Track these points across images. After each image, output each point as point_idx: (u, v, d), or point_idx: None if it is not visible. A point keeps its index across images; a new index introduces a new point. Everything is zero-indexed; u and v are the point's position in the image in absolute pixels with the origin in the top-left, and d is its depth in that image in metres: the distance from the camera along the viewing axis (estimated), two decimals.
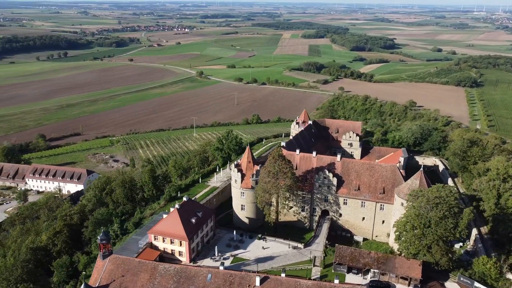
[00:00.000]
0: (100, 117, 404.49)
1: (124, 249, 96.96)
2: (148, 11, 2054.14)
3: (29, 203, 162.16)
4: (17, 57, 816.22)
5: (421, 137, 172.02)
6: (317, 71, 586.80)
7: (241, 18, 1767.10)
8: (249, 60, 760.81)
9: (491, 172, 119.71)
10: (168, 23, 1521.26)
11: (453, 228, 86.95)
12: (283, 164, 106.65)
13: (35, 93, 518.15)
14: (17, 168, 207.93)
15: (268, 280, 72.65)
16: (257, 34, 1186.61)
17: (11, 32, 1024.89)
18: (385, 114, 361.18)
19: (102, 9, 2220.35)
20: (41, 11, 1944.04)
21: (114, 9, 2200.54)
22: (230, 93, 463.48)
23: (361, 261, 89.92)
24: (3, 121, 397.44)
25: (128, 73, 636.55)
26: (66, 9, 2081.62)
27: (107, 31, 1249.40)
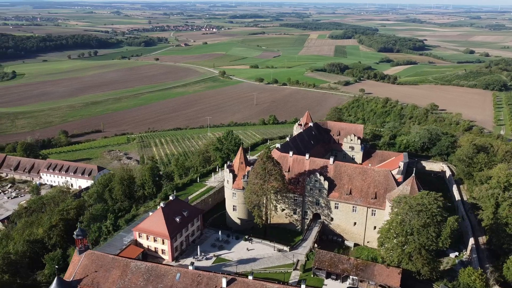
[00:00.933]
0: (122, 115, 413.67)
1: (110, 245, 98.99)
2: (178, 11, 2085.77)
3: (37, 196, 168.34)
4: (50, 55, 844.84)
5: (429, 141, 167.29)
6: (340, 72, 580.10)
7: (270, 18, 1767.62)
8: (273, 60, 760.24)
9: (491, 180, 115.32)
10: (197, 23, 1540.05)
11: (436, 237, 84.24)
12: (271, 166, 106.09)
13: (63, 90, 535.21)
14: (33, 162, 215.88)
15: (234, 282, 72.62)
16: (284, 35, 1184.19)
17: (47, 31, 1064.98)
18: (405, 117, 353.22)
19: (134, 9, 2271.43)
20: (76, 11, 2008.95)
21: (146, 9, 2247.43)
22: (250, 93, 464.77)
23: (340, 266, 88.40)
24: (31, 117, 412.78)
25: (153, 72, 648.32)
26: (100, 9, 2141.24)
27: (137, 30, 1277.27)
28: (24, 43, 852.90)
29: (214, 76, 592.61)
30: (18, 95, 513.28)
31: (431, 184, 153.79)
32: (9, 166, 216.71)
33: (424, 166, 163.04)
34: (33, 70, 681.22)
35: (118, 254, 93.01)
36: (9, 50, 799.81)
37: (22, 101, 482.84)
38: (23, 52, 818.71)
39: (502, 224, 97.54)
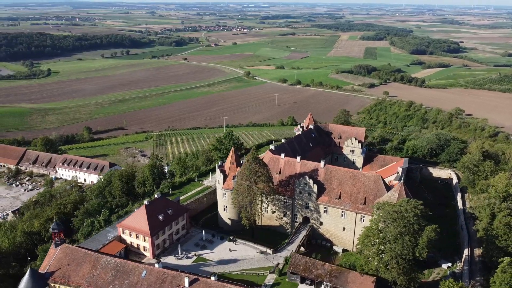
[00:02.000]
0: (145, 113, 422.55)
1: (94, 240, 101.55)
2: (211, 12, 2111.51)
3: (46, 190, 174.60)
4: (85, 54, 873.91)
5: (437, 147, 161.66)
6: (368, 74, 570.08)
7: (302, 19, 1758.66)
8: (300, 61, 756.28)
9: (490, 189, 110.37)
10: (229, 24, 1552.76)
11: (412, 246, 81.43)
12: (257, 167, 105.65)
13: (93, 88, 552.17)
14: (50, 157, 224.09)
15: (197, 282, 72.95)
16: (315, 35, 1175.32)
17: (83, 31, 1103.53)
18: (428, 122, 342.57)
19: (169, 9, 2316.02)
20: (113, 11, 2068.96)
21: (180, 10, 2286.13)
22: (272, 94, 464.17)
23: (314, 272, 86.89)
24: (60, 113, 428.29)
25: (180, 71, 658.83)
26: (136, 9, 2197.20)
27: (170, 30, 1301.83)
28: (61, 42, 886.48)
29: (239, 77, 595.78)
30: (51, 92, 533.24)
31: (436, 192, 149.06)
32: (28, 160, 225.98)
33: (431, 173, 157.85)
34: (67, 68, 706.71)
35: (100, 249, 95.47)
36: (47, 49, 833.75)
37: (54, 97, 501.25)
38: (59, 51, 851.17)
39: (492, 236, 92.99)
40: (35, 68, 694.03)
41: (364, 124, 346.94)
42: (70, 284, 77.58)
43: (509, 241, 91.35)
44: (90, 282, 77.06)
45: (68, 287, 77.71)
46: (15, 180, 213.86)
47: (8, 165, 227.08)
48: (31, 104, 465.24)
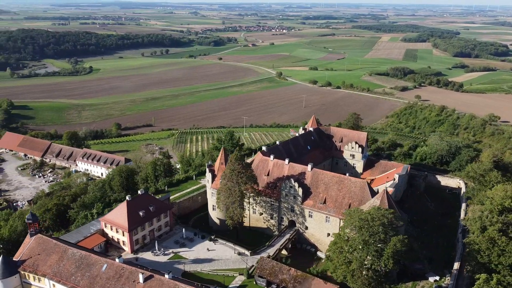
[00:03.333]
0: (175, 111, 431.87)
1: (77, 232, 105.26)
2: (252, 12, 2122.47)
3: (57, 182, 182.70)
4: (126, 52, 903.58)
5: (447, 154, 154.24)
6: (403, 77, 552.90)
7: (343, 20, 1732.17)
8: (336, 62, 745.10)
9: (487, 201, 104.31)
10: (269, 24, 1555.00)
11: (378, 256, 78.37)
12: (239, 168, 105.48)
13: (130, 85, 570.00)
14: (72, 151, 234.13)
15: (152, 279, 73.99)
16: (354, 37, 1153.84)
17: (127, 30, 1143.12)
18: (459, 128, 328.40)
19: (211, 9, 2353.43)
20: (158, 11, 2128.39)
21: (222, 10, 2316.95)
22: (301, 95, 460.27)
23: (279, 276, 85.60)
24: (95, 109, 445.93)
25: (214, 71, 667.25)
26: (180, 10, 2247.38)
27: (210, 30, 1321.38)
28: (105, 41, 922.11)
29: (271, 77, 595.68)
30: (90, 88, 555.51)
31: (442, 201, 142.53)
32: (52, 152, 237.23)
33: (439, 181, 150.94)
34: (108, 66, 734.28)
35: (81, 241, 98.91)
36: (91, 47, 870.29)
37: (92, 94, 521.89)
38: (103, 49, 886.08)
39: (475, 250, 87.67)
40: (78, 65, 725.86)
41: (391, 129, 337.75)
42: (37, 273, 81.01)
43: (492, 256, 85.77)
44: (56, 272, 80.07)
45: (36, 275, 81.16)
46: (39, 171, 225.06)
47: (34, 157, 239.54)
48: (71, 99, 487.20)
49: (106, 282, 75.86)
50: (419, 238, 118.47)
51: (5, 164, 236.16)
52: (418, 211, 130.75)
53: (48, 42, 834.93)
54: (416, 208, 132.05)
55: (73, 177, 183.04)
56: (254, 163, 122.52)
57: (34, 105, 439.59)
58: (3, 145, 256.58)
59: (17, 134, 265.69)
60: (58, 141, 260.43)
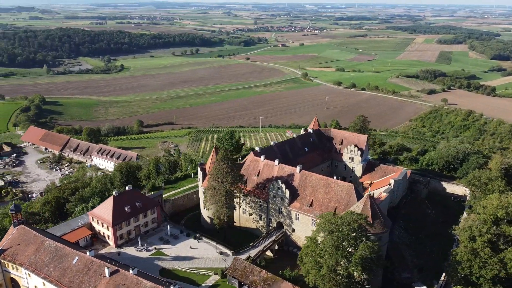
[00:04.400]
0: (197, 110, 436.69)
1: (66, 225, 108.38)
2: (285, 12, 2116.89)
3: (66, 175, 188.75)
4: (158, 51, 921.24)
5: (455, 160, 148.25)
6: (434, 80, 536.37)
7: (378, 21, 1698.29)
8: (365, 64, 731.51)
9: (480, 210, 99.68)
10: (301, 24, 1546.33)
11: (346, 261, 76.26)
12: (224, 167, 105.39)
13: (157, 84, 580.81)
14: (88, 146, 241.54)
15: (117, 273, 75.18)
16: (387, 38, 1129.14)
17: (160, 30, 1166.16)
18: (486, 133, 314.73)
19: (245, 9, 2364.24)
20: (192, 11, 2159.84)
21: (256, 10, 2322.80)
22: (324, 96, 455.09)
23: (250, 278, 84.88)
24: (122, 106, 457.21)
25: (240, 70, 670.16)
26: (214, 10, 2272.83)
27: (242, 30, 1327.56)
28: (138, 40, 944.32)
29: (296, 78, 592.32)
30: (120, 86, 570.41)
31: (445, 209, 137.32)
32: (70, 147, 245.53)
33: (445, 188, 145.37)
34: (139, 64, 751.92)
35: (67, 233, 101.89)
36: (124, 46, 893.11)
37: (121, 91, 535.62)
38: (135, 48, 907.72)
39: (455, 261, 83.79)
40: (111, 63, 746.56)
41: (413, 133, 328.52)
42: (15, 262, 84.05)
43: (473, 268, 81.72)
44: (31, 262, 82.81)
45: (14, 264, 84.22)
46: (56, 165, 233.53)
47: (53, 151, 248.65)
48: (100, 96, 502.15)
49: (75, 274, 77.82)
50: (411, 246, 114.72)
51: (27, 157, 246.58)
52: (415, 218, 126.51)
53: (83, 40, 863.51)
54: (414, 214, 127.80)
55: (83, 171, 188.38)
56: (246, 163, 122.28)
57: (64, 101, 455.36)
58: (26, 139, 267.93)
59: (39, 129, 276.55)
60: (78, 136, 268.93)
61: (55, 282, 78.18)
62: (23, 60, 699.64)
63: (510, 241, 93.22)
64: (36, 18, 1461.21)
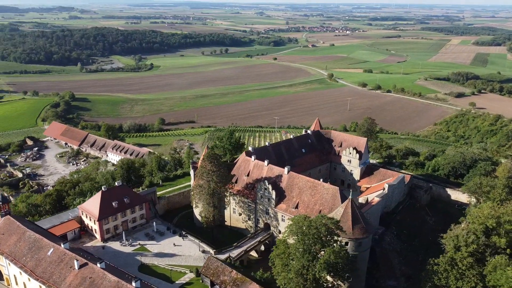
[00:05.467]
0: (220, 109, 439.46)
1: (58, 217, 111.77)
2: (318, 13, 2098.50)
3: (76, 170, 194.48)
4: (188, 51, 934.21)
5: (461, 166, 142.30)
6: (466, 82, 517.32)
7: (413, 22, 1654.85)
8: (394, 65, 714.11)
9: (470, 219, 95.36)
10: (333, 25, 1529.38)
11: (311, 266, 74.64)
12: (210, 166, 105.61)
13: (183, 82, 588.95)
14: (104, 142, 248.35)
15: (86, 266, 76.82)
16: (421, 39, 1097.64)
17: (192, 29, 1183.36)
18: None
19: (278, 10, 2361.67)
20: (225, 11, 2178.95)
21: (288, 10, 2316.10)
22: (348, 97, 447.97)
23: (221, 277, 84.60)
24: (147, 104, 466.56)
25: (266, 70, 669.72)
26: (247, 10, 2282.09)
27: (273, 30, 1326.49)
28: (169, 39, 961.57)
29: (322, 78, 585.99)
30: (148, 84, 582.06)
31: (447, 217, 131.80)
32: (88, 143, 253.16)
33: (449, 195, 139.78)
34: (168, 63, 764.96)
35: (55, 226, 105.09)
36: (155, 45, 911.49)
37: (148, 89, 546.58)
38: (166, 47, 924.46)
39: (432, 271, 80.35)
40: (141, 62, 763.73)
41: (435, 137, 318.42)
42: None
43: (450, 279, 78.13)
44: (11, 252, 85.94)
45: None
46: (74, 159, 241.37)
47: (72, 146, 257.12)
48: (127, 94, 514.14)
49: (48, 265, 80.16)
50: (402, 253, 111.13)
51: (47, 151, 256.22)
52: (411, 225, 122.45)
53: (117, 39, 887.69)
54: (410, 221, 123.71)
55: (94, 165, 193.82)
56: (238, 163, 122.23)
57: (92, 98, 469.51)
58: (48, 134, 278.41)
59: (61, 124, 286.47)
60: (96, 132, 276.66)
61: (29, 272, 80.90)
62: (59, 58, 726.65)
63: (499, 253, 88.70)
64: (75, 18, 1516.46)
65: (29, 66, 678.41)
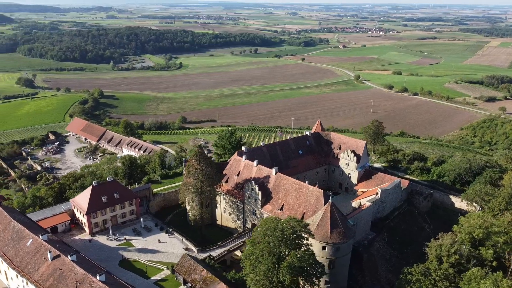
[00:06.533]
0: (242, 109, 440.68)
1: (52, 209, 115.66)
2: (353, 13, 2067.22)
3: (86, 164, 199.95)
4: (218, 51, 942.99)
5: (468, 173, 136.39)
6: (500, 86, 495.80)
7: (451, 23, 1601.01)
8: (426, 67, 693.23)
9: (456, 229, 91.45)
10: (367, 26, 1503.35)
11: (276, 268, 73.54)
12: (196, 165, 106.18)
13: (210, 82, 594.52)
14: (121, 138, 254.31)
15: (58, 258, 78.95)
16: (458, 41, 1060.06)
17: (224, 29, 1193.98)
18: None
19: (312, 10, 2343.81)
20: (258, 11, 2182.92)
21: (322, 11, 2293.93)
22: (373, 99, 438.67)
23: (192, 276, 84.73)
24: (172, 102, 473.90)
25: (293, 71, 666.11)
26: (280, 10, 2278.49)
27: (305, 31, 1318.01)
28: (200, 39, 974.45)
29: (348, 80, 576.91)
30: (175, 83, 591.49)
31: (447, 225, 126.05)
32: (106, 139, 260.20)
33: (453, 203, 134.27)
34: (197, 62, 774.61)
35: (47, 218, 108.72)
36: (186, 45, 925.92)
37: (175, 88, 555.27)
38: (196, 47, 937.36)
39: (405, 281, 77.29)
40: (171, 61, 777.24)
41: (459, 142, 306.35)
42: None
43: None
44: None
45: None
46: (91, 154, 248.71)
47: (91, 141, 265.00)
48: (155, 92, 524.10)
49: (26, 255, 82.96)
50: (390, 260, 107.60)
51: (68, 146, 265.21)
52: (406, 232, 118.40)
53: (149, 39, 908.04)
54: (405, 228, 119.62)
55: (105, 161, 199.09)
56: (230, 163, 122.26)
57: (120, 96, 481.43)
58: (70, 129, 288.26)
59: (82, 120, 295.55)
60: (115, 128, 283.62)
61: (8, 261, 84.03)
62: (93, 56, 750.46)
63: (485, 265, 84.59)
64: (112, 18, 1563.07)
65: (64, 63, 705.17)
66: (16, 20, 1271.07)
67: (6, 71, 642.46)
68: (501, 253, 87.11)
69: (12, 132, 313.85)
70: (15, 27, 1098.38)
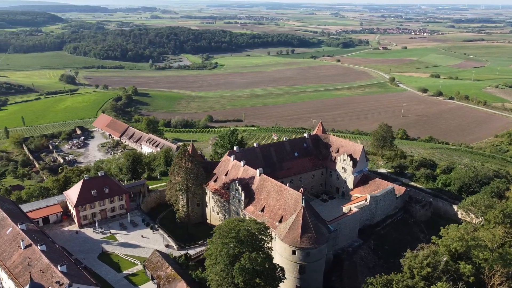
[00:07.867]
0: (270, 109, 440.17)
1: (46, 201, 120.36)
2: (397, 14, 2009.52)
3: (100, 160, 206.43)
4: (254, 51, 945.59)
5: (474, 183, 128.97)
6: None
7: (503, 24, 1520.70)
8: (467, 71, 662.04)
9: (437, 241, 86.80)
10: (411, 27, 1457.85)
11: (230, 271, 72.76)
12: (180, 163, 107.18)
13: (242, 82, 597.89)
14: (141, 135, 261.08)
15: (29, 247, 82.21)
16: (508, 43, 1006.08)
17: (263, 30, 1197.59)
18: None
19: (355, 11, 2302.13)
20: (300, 12, 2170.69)
21: (366, 11, 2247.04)
22: (405, 103, 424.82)
23: (158, 272, 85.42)
24: (203, 101, 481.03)
25: (327, 72, 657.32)
26: (322, 10, 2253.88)
27: (345, 32, 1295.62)
28: (237, 39, 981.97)
29: (382, 82, 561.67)
30: (209, 82, 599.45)
31: None
32: (127, 135, 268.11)
33: (456, 213, 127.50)
34: (232, 62, 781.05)
35: (41, 208, 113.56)
36: (223, 45, 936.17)
37: (207, 87, 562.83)
38: (234, 47, 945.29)
39: None
40: (208, 61, 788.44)
41: (491, 150, 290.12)
42: None
43: None
44: None
45: None
46: (112, 149, 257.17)
47: (114, 137, 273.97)
48: (187, 91, 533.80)
49: (3, 243, 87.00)
50: (374, 269, 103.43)
51: (92, 141, 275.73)
52: (398, 241, 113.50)
53: (188, 38, 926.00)
54: (397, 237, 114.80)
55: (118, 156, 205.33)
56: (220, 162, 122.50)
57: (153, 93, 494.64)
58: (96, 125, 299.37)
59: (107, 116, 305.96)
60: (138, 125, 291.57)
61: None
62: (133, 55, 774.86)
63: (462, 280, 79.80)
64: (156, 18, 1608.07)
65: (105, 62, 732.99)
66: (66, 20, 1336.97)
67: (52, 68, 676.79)
68: (482, 269, 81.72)
69: (47, 126, 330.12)
70: (64, 26, 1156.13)
